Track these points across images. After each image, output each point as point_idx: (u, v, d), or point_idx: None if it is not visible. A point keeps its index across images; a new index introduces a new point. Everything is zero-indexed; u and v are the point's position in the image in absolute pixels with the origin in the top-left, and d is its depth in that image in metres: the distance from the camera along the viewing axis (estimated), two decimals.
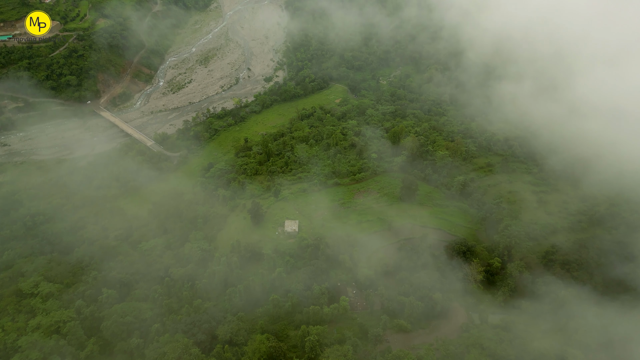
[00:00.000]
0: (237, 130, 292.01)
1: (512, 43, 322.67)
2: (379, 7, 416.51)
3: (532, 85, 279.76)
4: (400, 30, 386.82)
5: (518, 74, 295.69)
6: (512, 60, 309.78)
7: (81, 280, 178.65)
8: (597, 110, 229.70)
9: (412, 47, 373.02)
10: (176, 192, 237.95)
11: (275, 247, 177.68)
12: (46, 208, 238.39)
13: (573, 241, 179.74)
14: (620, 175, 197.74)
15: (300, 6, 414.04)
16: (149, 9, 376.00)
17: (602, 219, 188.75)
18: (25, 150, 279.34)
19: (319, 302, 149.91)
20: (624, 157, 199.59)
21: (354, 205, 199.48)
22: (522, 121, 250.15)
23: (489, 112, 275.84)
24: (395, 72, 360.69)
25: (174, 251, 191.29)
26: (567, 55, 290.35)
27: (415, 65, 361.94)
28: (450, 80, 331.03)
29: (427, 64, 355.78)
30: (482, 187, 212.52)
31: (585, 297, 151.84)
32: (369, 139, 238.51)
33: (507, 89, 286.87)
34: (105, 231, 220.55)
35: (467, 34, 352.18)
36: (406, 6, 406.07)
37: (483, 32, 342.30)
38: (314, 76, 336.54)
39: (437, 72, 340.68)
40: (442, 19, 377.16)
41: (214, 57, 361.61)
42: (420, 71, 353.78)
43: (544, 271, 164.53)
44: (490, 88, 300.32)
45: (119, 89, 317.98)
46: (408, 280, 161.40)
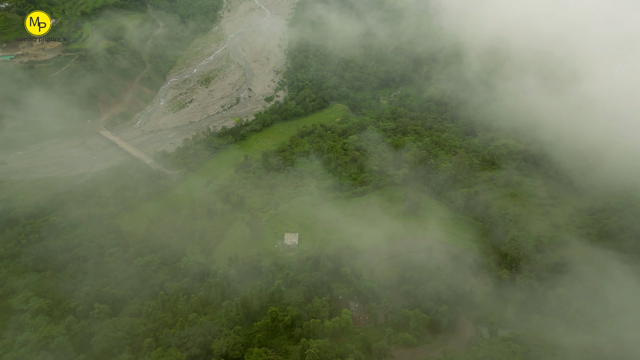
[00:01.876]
0: (237, 148, 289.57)
1: (513, 53, 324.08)
2: (380, 24, 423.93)
3: (535, 99, 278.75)
4: (399, 51, 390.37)
5: (519, 89, 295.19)
6: (513, 74, 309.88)
7: (73, 296, 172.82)
8: (605, 119, 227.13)
9: (412, 67, 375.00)
10: (174, 208, 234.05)
11: (274, 261, 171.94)
12: (42, 226, 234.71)
13: (583, 254, 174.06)
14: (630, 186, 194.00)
15: (302, 29, 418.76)
16: (151, 31, 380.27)
17: (612, 231, 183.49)
18: (22, 169, 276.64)
19: (320, 315, 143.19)
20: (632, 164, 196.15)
21: (355, 218, 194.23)
22: (525, 136, 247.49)
23: (491, 127, 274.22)
24: (396, 92, 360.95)
25: (170, 266, 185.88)
26: (573, 60, 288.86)
27: (415, 85, 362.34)
28: (452, 99, 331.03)
29: (427, 83, 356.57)
30: (486, 201, 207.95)
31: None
32: (370, 154, 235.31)
33: (508, 105, 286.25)
34: (101, 249, 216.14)
35: (468, 44, 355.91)
36: (406, 16, 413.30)
37: (483, 43, 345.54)
38: (315, 96, 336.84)
39: (438, 92, 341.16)
40: (441, 30, 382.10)
41: (215, 77, 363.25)
42: (421, 91, 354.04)
43: (554, 284, 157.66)
44: (491, 106, 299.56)
45: (120, 108, 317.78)
46: (413, 293, 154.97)
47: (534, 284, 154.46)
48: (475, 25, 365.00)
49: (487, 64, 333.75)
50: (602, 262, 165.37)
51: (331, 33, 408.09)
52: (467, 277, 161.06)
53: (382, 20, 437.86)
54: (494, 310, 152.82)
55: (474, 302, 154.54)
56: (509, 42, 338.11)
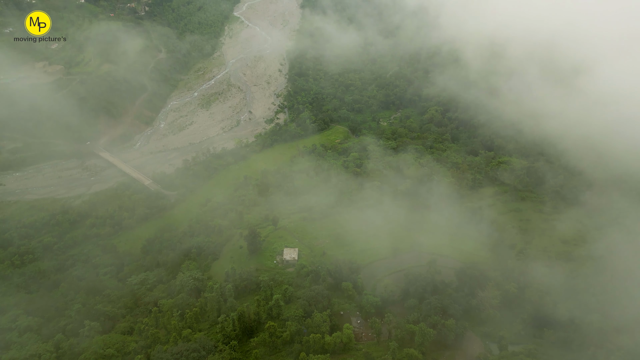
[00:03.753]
0: (236, 169, 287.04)
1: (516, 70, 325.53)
2: (380, 44, 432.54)
3: (536, 108, 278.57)
4: (399, 75, 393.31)
5: (522, 111, 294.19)
6: (514, 93, 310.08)
7: (64, 315, 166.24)
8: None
9: (412, 91, 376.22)
10: (171, 228, 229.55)
11: (273, 277, 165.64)
12: (36, 247, 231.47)
13: (593, 269, 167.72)
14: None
15: (301, 55, 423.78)
16: (153, 56, 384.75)
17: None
18: (19, 190, 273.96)
19: (320, 331, 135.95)
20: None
21: (357, 233, 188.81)
22: (528, 152, 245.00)
23: (492, 147, 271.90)
24: (396, 114, 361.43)
25: (165, 284, 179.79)
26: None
27: (415, 107, 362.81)
28: (452, 120, 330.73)
29: (427, 105, 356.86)
30: (490, 216, 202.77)
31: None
32: (371, 171, 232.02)
33: (510, 126, 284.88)
34: (96, 268, 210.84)
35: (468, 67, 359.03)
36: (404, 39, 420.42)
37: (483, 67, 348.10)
38: (315, 118, 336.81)
39: (438, 113, 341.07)
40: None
41: (215, 101, 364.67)
42: (421, 113, 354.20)
43: (565, 297, 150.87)
44: (492, 126, 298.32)
45: (120, 130, 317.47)
46: (417, 307, 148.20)
47: (545, 297, 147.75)
48: (475, 46, 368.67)
49: (488, 85, 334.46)
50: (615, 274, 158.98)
51: (331, 58, 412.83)
52: (473, 291, 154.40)
53: (382, 37, 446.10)
54: (502, 325, 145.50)
55: (481, 317, 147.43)
56: (511, 59, 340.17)
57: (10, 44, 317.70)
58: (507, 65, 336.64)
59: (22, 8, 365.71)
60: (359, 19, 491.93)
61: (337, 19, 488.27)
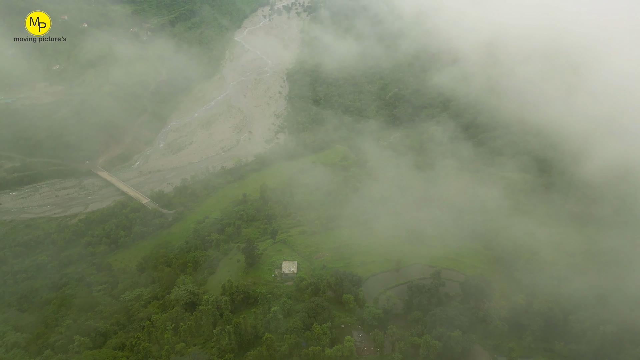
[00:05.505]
0: (235, 187, 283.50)
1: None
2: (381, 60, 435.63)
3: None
4: (398, 96, 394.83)
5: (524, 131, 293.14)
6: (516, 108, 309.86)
7: (54, 331, 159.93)
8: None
9: (411, 111, 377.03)
10: (168, 245, 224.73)
11: (271, 290, 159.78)
12: (29, 266, 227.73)
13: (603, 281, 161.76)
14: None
15: (302, 78, 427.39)
16: (154, 78, 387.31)
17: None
18: (16, 209, 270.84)
19: (320, 343, 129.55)
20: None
21: (357, 247, 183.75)
22: (532, 164, 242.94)
23: (493, 163, 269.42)
24: (396, 134, 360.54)
25: (160, 300, 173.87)
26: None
27: (415, 127, 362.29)
28: (452, 139, 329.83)
29: (426, 125, 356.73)
30: (494, 229, 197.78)
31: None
32: (372, 185, 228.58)
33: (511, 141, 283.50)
34: (89, 287, 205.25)
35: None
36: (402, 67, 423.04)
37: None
38: (315, 137, 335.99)
39: (437, 132, 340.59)
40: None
41: (215, 121, 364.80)
42: (421, 132, 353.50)
43: (577, 308, 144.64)
44: (492, 143, 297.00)
45: (119, 149, 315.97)
46: (422, 320, 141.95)
47: (555, 307, 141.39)
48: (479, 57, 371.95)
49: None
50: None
51: (331, 80, 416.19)
52: (479, 302, 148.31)
53: (383, 56, 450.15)
54: (511, 339, 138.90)
55: (489, 329, 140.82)
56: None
57: (12, 64, 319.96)
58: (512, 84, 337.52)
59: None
60: (358, 34, 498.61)
61: (337, 35, 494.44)
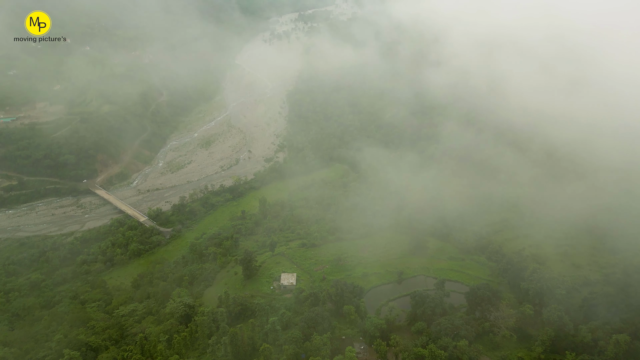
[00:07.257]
0: (234, 205, 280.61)
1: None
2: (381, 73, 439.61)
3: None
4: (397, 117, 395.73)
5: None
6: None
7: (43, 346, 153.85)
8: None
9: (410, 131, 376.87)
10: (164, 262, 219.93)
11: (269, 302, 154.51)
12: (23, 284, 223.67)
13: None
14: None
15: (301, 99, 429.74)
16: (154, 99, 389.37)
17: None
18: (11, 227, 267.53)
19: (320, 354, 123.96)
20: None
21: (358, 259, 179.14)
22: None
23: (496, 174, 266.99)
24: (395, 153, 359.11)
25: (155, 315, 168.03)
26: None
27: (415, 146, 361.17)
28: (452, 157, 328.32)
29: (426, 144, 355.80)
30: (498, 241, 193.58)
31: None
32: (373, 198, 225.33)
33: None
34: (83, 304, 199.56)
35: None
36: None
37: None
38: (314, 156, 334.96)
39: (437, 151, 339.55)
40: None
41: (215, 141, 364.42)
42: (421, 151, 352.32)
43: (587, 318, 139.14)
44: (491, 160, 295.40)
45: (117, 168, 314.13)
46: (426, 331, 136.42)
47: (564, 317, 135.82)
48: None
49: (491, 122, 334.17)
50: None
51: (330, 101, 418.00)
52: (486, 312, 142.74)
53: (382, 71, 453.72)
54: (520, 350, 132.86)
55: (496, 340, 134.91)
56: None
57: (13, 84, 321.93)
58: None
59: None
60: (359, 53, 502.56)
61: (337, 55, 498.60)
